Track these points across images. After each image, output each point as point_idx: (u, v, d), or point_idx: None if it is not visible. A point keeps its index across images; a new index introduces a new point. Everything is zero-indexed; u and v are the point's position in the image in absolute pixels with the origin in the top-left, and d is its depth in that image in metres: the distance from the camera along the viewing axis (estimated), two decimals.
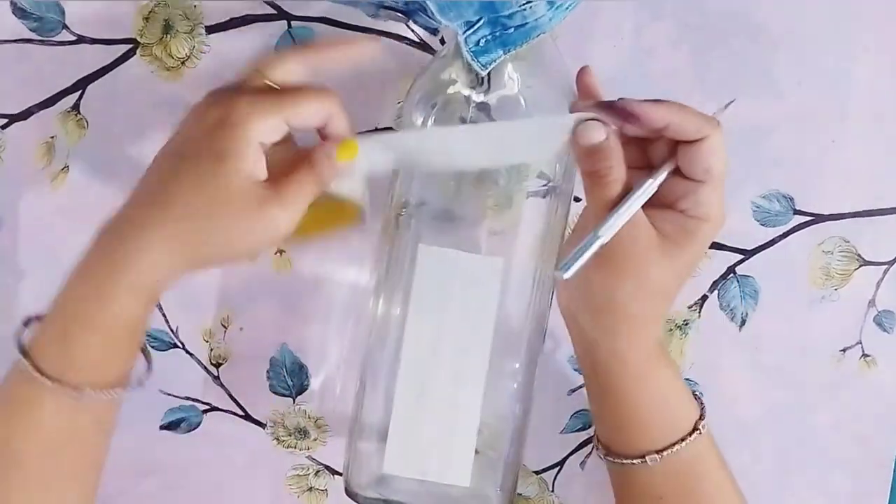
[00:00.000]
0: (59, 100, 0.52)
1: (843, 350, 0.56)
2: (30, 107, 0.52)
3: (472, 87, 0.43)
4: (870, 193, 0.54)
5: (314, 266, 0.54)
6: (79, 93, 0.51)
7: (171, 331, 0.55)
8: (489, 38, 0.41)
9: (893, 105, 0.53)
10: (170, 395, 0.55)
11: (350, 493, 0.47)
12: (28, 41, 0.51)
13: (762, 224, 0.54)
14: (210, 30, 0.51)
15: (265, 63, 0.40)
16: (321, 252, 0.54)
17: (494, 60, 0.41)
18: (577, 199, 0.49)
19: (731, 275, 0.55)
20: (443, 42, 0.51)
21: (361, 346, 0.55)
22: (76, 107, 0.52)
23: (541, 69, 0.43)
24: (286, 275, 0.54)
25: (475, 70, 0.42)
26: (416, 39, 0.51)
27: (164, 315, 0.54)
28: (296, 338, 0.55)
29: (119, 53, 0.51)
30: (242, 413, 0.56)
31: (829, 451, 0.57)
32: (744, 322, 0.56)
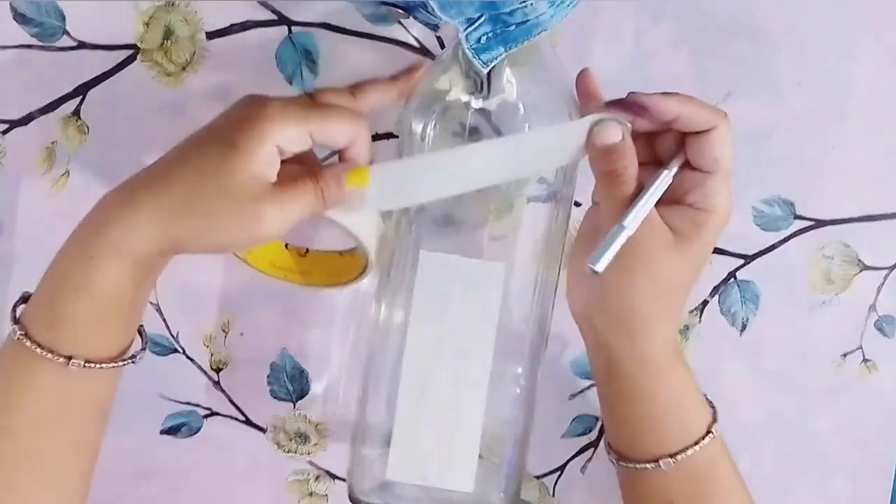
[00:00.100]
0: (60, 105, 0.52)
1: (844, 355, 0.56)
2: (30, 112, 0.52)
3: (471, 93, 0.43)
4: (870, 198, 0.54)
5: None
6: (79, 98, 0.51)
7: (172, 336, 0.55)
8: (490, 36, 0.41)
9: (894, 108, 0.53)
10: (170, 400, 0.55)
11: (353, 499, 0.47)
12: (29, 47, 0.51)
13: (763, 229, 0.54)
14: (210, 35, 0.51)
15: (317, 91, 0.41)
16: None
17: (496, 58, 0.41)
18: (578, 204, 0.49)
19: (732, 279, 0.55)
20: (442, 46, 0.51)
21: (362, 351, 0.55)
22: (77, 112, 0.52)
23: (539, 73, 0.43)
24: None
25: (472, 75, 0.42)
26: (416, 44, 0.51)
27: (165, 320, 0.54)
28: (296, 342, 0.55)
29: (120, 59, 0.51)
30: (243, 418, 0.56)
31: (830, 456, 0.57)
32: (744, 327, 0.55)
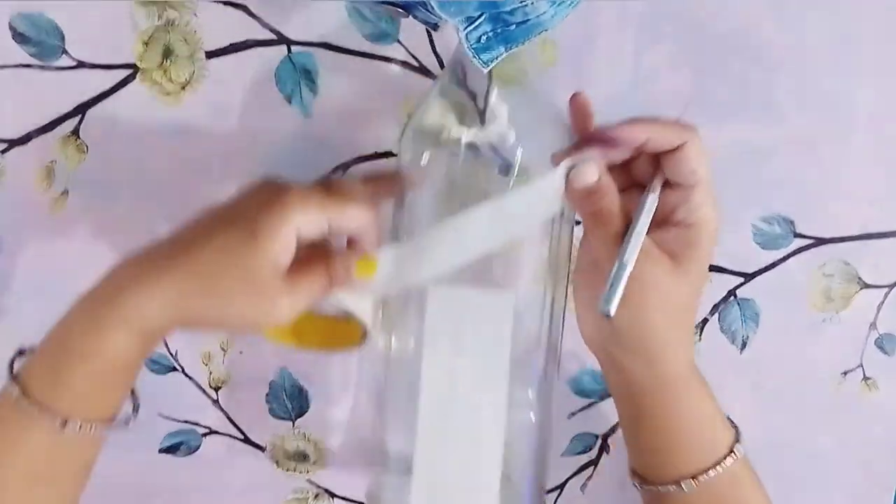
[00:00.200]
0: (59, 124, 0.52)
1: (845, 373, 0.56)
2: (30, 131, 0.52)
3: (462, 127, 0.42)
4: (870, 216, 0.54)
5: None
6: (79, 117, 0.51)
7: (171, 354, 0.54)
8: (490, 35, 0.40)
9: (894, 128, 0.53)
10: (169, 419, 0.55)
11: None
12: (28, 66, 0.51)
13: (763, 247, 0.54)
14: (210, 55, 0.51)
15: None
16: None
17: (496, 58, 0.41)
18: (579, 223, 0.49)
19: (732, 298, 0.55)
20: (442, 66, 0.51)
21: (360, 369, 0.55)
22: (76, 131, 0.52)
23: (529, 101, 0.43)
24: None
25: (464, 105, 0.41)
26: (415, 64, 0.51)
27: (164, 339, 0.54)
28: (295, 361, 0.55)
29: (119, 78, 0.51)
30: (242, 436, 0.56)
31: (831, 474, 0.57)
32: (745, 345, 0.55)
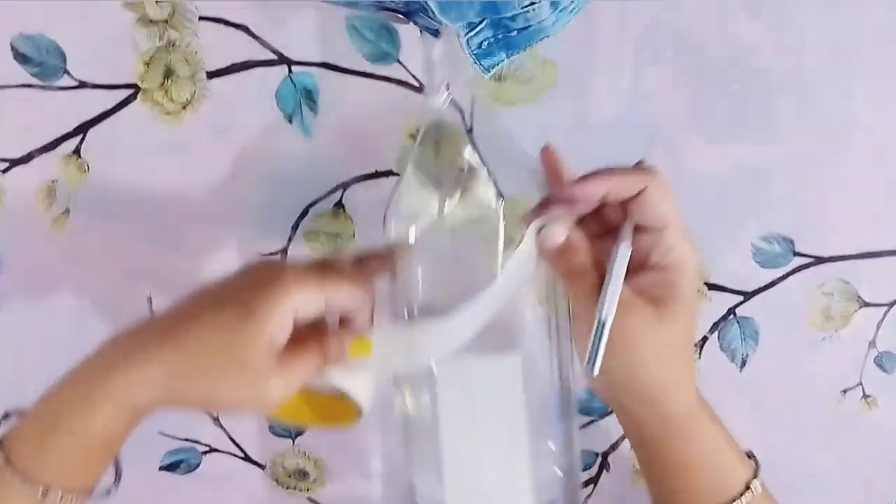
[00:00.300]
0: (61, 144, 0.52)
1: (844, 391, 0.56)
2: (31, 151, 0.52)
3: (444, 198, 0.43)
4: (869, 235, 0.54)
5: None
6: (80, 137, 0.52)
7: None
8: (492, 41, 0.40)
9: (893, 148, 0.53)
10: (169, 437, 0.55)
11: None
12: (29, 86, 0.51)
13: (762, 266, 0.54)
14: (211, 75, 0.51)
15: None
16: None
17: (497, 64, 0.41)
18: None
19: (732, 316, 0.55)
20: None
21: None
22: (77, 151, 0.52)
23: (505, 152, 0.44)
24: None
25: (440, 176, 0.42)
26: (416, 84, 0.51)
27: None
28: None
29: (120, 98, 0.51)
30: (242, 454, 0.56)
31: (831, 492, 0.57)
32: (744, 363, 0.56)
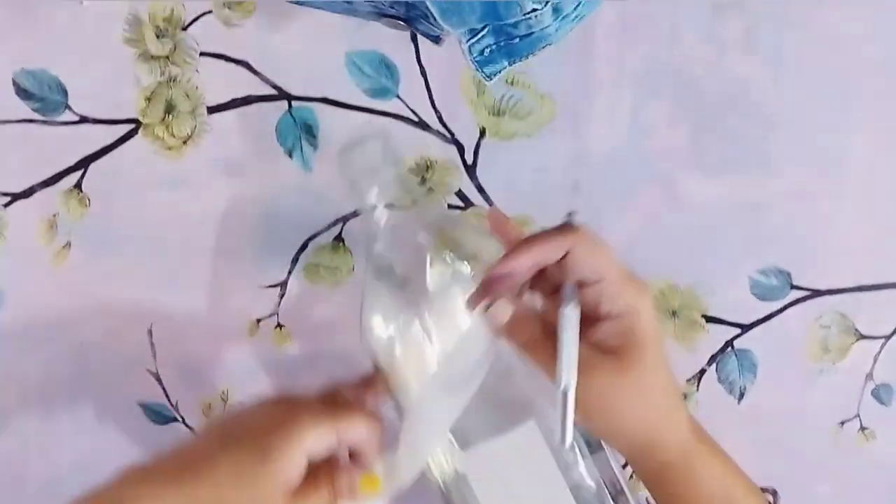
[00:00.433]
0: (62, 178, 0.52)
1: (842, 423, 0.56)
2: (33, 185, 0.52)
3: (410, 312, 0.43)
4: (866, 268, 0.54)
5: (313, 341, 0.55)
6: (81, 171, 0.52)
7: (172, 405, 0.55)
8: (494, 48, 0.40)
9: (888, 182, 0.53)
10: None
11: None
12: (31, 121, 0.51)
13: (760, 298, 0.54)
14: (211, 110, 0.51)
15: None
16: (320, 327, 0.54)
17: (499, 71, 0.40)
18: None
19: (730, 348, 0.55)
20: (441, 121, 0.52)
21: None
22: (79, 185, 0.52)
23: (468, 240, 0.45)
24: (286, 350, 0.54)
25: (403, 286, 0.43)
26: (414, 119, 0.52)
27: (165, 389, 0.55)
28: None
29: (121, 133, 0.52)
30: None
31: None
32: (742, 395, 0.56)
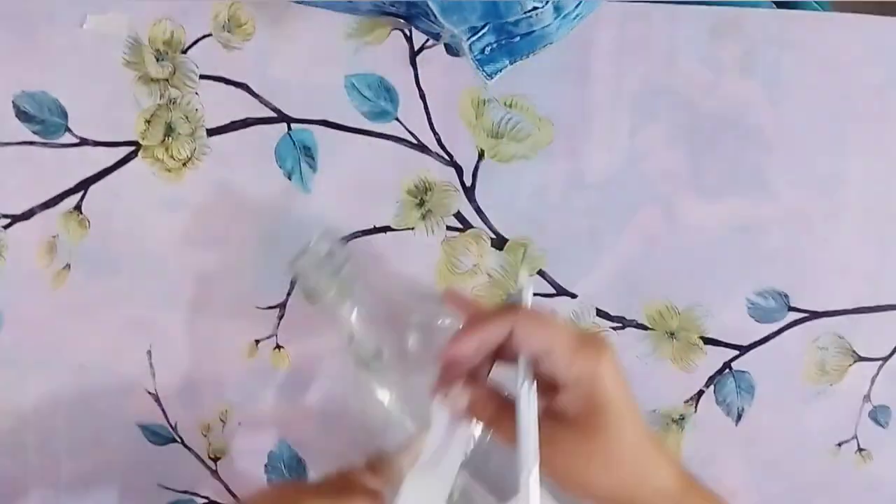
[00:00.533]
0: (62, 200, 0.52)
1: (839, 444, 0.56)
2: (32, 207, 0.52)
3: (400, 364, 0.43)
4: (863, 291, 0.54)
5: (312, 362, 0.55)
6: (81, 193, 0.52)
7: (171, 425, 0.55)
8: (495, 46, 0.39)
9: (885, 204, 0.53)
10: (168, 489, 0.55)
11: None
12: (31, 143, 0.51)
13: (757, 320, 0.55)
14: (211, 132, 0.52)
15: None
16: (319, 348, 0.54)
17: (500, 70, 0.40)
18: None
19: (727, 370, 0.55)
20: (440, 142, 0.52)
21: (359, 440, 0.55)
22: (78, 207, 0.52)
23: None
24: (284, 370, 0.54)
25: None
26: (414, 141, 0.52)
27: (164, 409, 0.55)
28: (294, 432, 0.55)
29: (121, 155, 0.52)
30: None
31: None
32: (740, 417, 0.56)
